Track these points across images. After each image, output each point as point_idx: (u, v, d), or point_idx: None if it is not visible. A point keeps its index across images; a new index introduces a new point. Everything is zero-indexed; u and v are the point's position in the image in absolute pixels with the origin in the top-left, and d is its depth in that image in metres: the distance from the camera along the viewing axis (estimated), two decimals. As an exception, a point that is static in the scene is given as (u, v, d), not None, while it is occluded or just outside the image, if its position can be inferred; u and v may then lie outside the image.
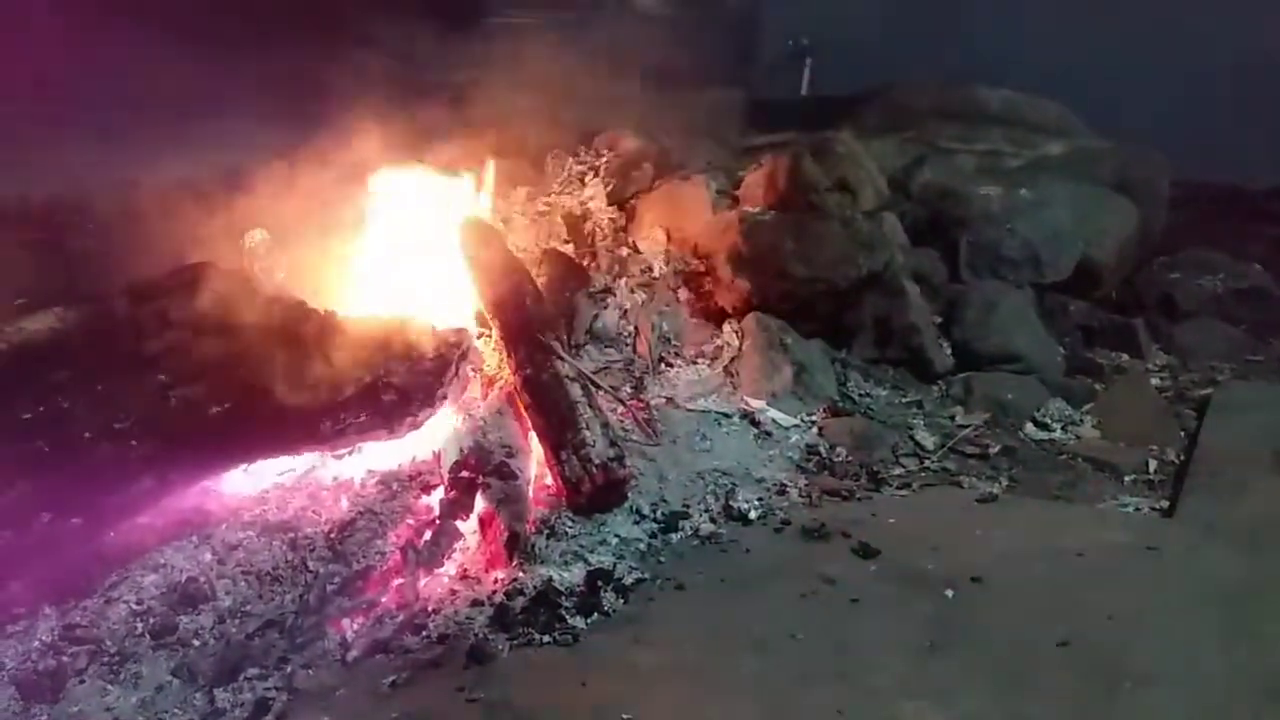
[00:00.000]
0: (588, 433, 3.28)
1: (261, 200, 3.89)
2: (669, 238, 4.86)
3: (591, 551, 3.11)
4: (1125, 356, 4.71)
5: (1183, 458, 3.81)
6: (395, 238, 4.08)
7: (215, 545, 2.97)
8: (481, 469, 3.22)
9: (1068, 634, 2.76)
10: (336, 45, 4.20)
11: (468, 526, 3.16)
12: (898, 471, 3.74)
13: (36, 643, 2.63)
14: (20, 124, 3.86)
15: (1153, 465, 3.77)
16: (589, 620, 2.83)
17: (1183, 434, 4.01)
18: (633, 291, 4.47)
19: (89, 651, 2.63)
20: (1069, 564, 3.12)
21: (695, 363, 4.25)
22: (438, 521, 3.14)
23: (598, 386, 3.68)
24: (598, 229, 4.88)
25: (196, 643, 2.71)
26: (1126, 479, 3.71)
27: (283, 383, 3.09)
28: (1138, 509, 3.50)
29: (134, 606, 2.76)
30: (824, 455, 3.81)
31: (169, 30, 4.02)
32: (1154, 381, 4.52)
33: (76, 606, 2.73)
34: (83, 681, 2.57)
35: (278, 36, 4.27)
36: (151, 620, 2.73)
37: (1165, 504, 3.51)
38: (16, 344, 3.08)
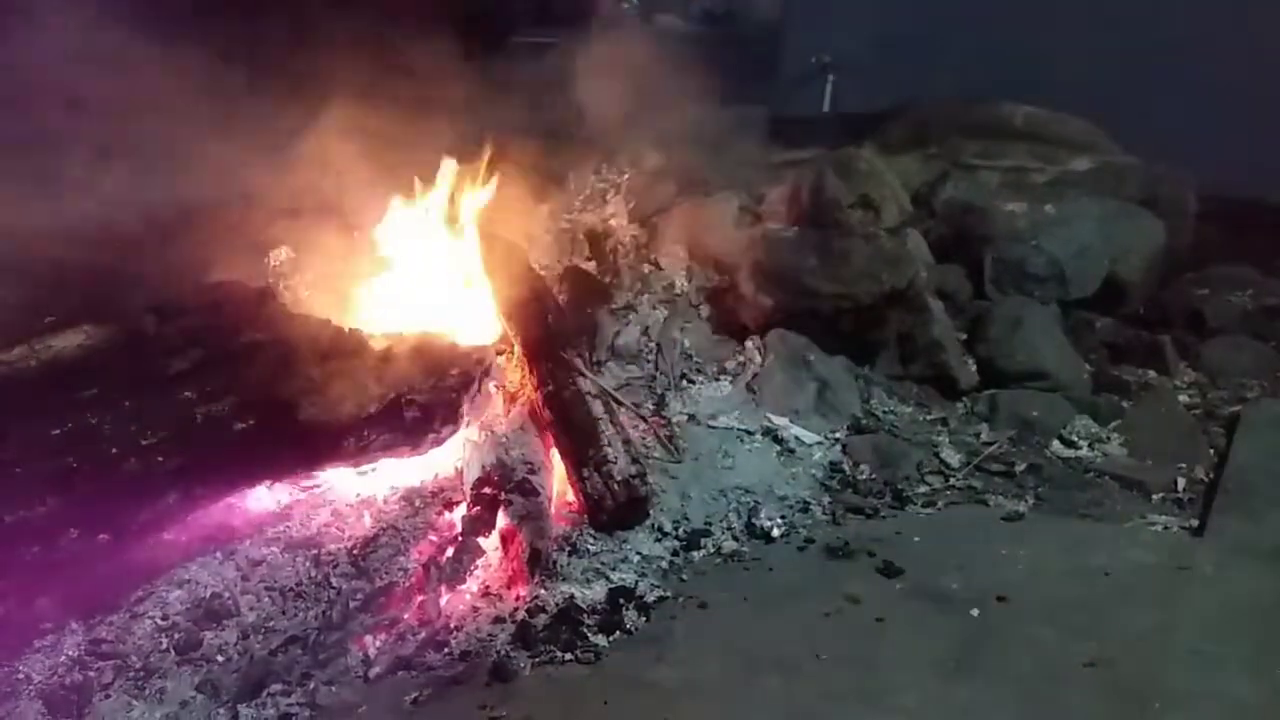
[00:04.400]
0: (610, 449, 3.28)
1: (285, 218, 3.93)
2: (691, 254, 4.87)
3: (613, 569, 3.11)
4: (1152, 373, 4.64)
5: (1212, 476, 3.76)
6: (418, 255, 4.10)
7: (240, 561, 3.00)
8: (503, 486, 3.22)
9: (1095, 654, 2.73)
10: (361, 63, 4.24)
11: (489, 543, 3.16)
12: (922, 489, 3.71)
13: (63, 657, 2.66)
14: (49, 144, 3.92)
15: (1181, 483, 3.72)
16: (611, 638, 2.82)
17: (1212, 452, 3.95)
18: (654, 308, 4.47)
19: (115, 666, 2.65)
20: (1096, 583, 3.09)
21: (717, 379, 4.24)
22: (460, 538, 3.14)
23: (619, 403, 3.68)
24: (620, 246, 4.89)
25: (221, 658, 2.72)
26: (1155, 497, 3.67)
27: (307, 399, 3.11)
28: (1166, 527, 3.46)
29: (159, 622, 2.79)
30: (848, 473, 3.78)
31: (201, 47, 4.08)
32: (1182, 399, 4.46)
33: (103, 622, 2.76)
34: (108, 697, 2.59)
35: (302, 56, 4.32)
36: (176, 635, 2.76)
37: (1195, 522, 3.47)
38: (46, 361, 3.12)
